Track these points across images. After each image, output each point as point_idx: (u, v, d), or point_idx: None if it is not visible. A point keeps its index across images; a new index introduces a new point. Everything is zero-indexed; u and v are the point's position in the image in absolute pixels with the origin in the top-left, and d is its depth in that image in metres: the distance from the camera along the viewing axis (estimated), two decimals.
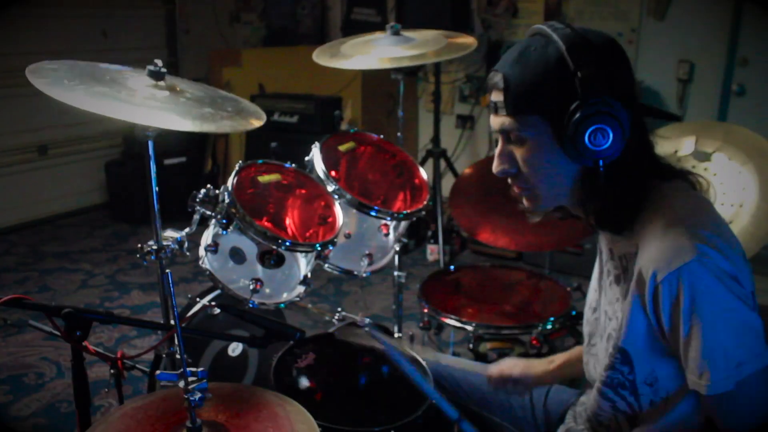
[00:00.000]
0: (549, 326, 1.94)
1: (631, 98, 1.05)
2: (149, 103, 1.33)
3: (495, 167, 1.13)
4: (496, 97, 1.08)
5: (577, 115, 1.00)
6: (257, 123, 1.47)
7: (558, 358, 1.49)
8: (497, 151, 1.13)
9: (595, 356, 1.24)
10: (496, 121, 1.10)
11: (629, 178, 1.06)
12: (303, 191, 1.87)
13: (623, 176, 1.05)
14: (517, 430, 1.48)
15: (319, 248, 1.71)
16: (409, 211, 1.97)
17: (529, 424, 1.47)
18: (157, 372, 1.66)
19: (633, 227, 1.08)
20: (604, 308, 1.19)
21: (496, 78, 1.07)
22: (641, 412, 1.14)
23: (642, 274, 1.02)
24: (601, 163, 1.03)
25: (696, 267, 0.96)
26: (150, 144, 1.44)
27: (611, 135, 1.00)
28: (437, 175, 3.95)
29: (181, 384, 1.04)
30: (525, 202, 1.16)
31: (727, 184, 1.60)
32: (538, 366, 1.48)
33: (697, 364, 0.98)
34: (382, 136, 2.16)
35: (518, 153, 1.10)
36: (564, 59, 1.01)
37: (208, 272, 1.68)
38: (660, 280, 0.98)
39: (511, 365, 1.49)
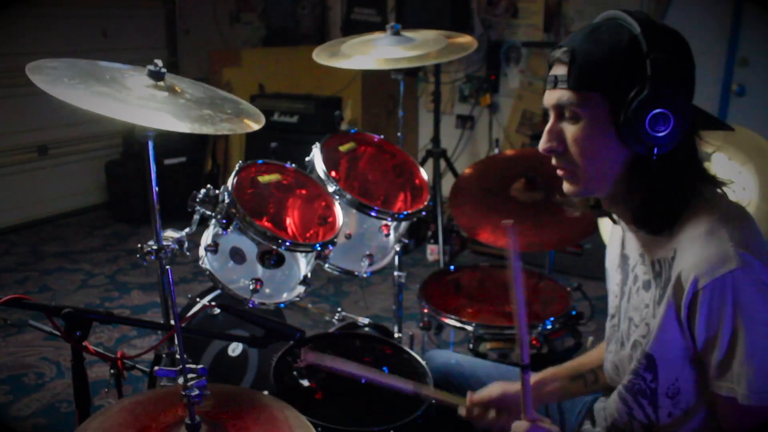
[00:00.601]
0: (549, 326, 1.94)
1: (691, 95, 1.04)
2: (149, 104, 1.33)
3: (542, 144, 1.09)
4: (559, 70, 1.05)
5: (643, 96, 0.98)
6: (256, 126, 1.46)
7: (537, 376, 1.39)
8: (547, 127, 1.09)
9: (612, 363, 1.23)
10: (553, 95, 1.07)
11: (679, 174, 1.04)
12: (303, 191, 1.87)
13: (673, 171, 1.03)
14: None
15: (319, 248, 1.71)
16: (409, 211, 1.97)
17: None
18: (156, 368, 1.66)
19: (672, 229, 1.06)
20: (629, 315, 1.17)
21: (560, 52, 1.05)
22: (658, 423, 1.13)
23: (681, 280, 1.00)
24: (655, 151, 1.00)
25: (740, 275, 0.95)
26: (150, 144, 1.44)
27: (672, 123, 0.98)
28: (437, 175, 3.95)
29: (180, 381, 1.04)
30: (566, 185, 1.12)
31: None
32: (513, 386, 1.35)
33: (737, 371, 0.97)
34: (382, 137, 2.16)
35: (570, 131, 1.06)
36: (637, 40, 0.99)
37: (208, 272, 1.68)
38: (701, 287, 0.97)
39: (490, 389, 1.37)
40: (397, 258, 2.11)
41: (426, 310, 2.06)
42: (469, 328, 1.95)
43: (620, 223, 1.20)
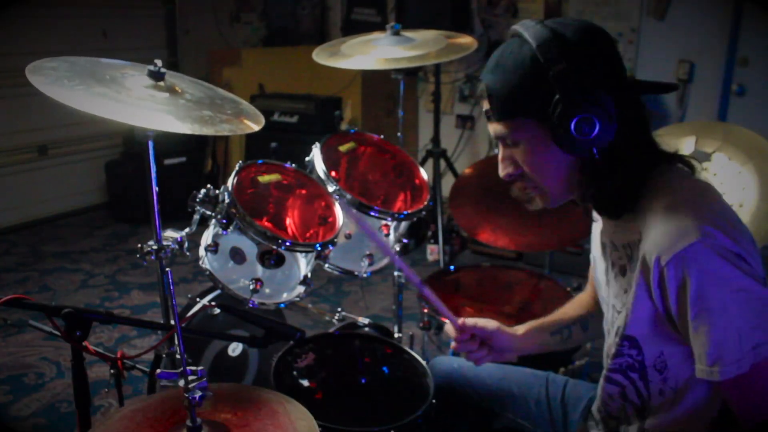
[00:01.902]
0: None
1: (617, 81, 1.05)
2: (148, 105, 1.33)
3: (501, 172, 1.16)
4: (485, 105, 1.11)
5: (558, 110, 1.01)
6: (256, 126, 1.46)
7: (523, 327, 1.44)
8: (500, 156, 1.15)
9: (605, 351, 1.24)
10: (491, 128, 1.12)
11: (627, 160, 1.06)
12: (303, 191, 1.87)
13: (620, 159, 1.06)
14: (531, 426, 1.46)
15: (319, 248, 1.71)
16: (409, 211, 1.97)
17: (544, 419, 1.45)
18: (158, 371, 1.66)
19: (635, 212, 1.07)
20: (612, 302, 1.18)
21: (481, 87, 1.10)
22: (650, 402, 1.13)
23: (646, 260, 1.01)
24: (594, 150, 1.04)
25: (700, 248, 0.94)
26: (150, 144, 1.44)
27: (597, 123, 1.00)
28: (437, 175, 3.95)
29: (181, 383, 1.04)
30: (539, 201, 1.17)
31: (727, 184, 1.60)
32: (508, 329, 1.42)
33: (707, 351, 0.96)
34: (382, 136, 2.16)
35: (517, 155, 1.11)
36: (536, 57, 1.02)
37: (208, 272, 1.68)
38: (664, 264, 0.97)
39: (486, 321, 1.41)
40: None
41: (426, 310, 2.06)
42: None
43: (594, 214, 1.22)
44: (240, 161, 1.79)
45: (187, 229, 1.63)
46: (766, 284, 0.98)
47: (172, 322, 1.54)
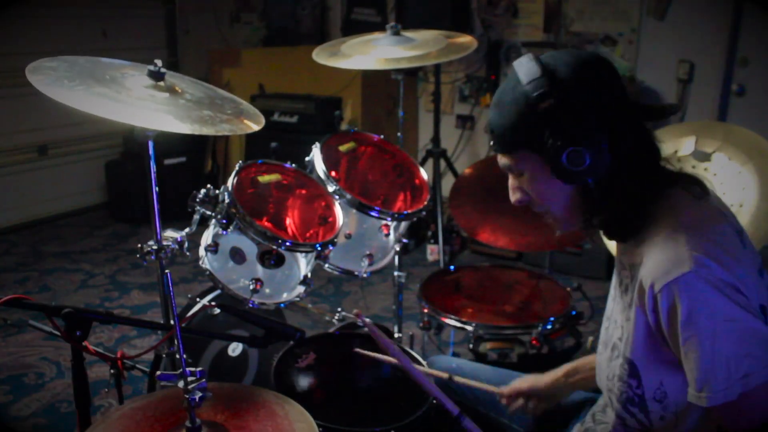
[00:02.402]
0: (549, 326, 1.94)
1: (613, 111, 1.06)
2: (148, 105, 1.33)
3: (512, 199, 1.20)
4: (492, 138, 1.16)
5: (550, 144, 1.04)
6: (256, 126, 1.46)
7: (565, 367, 1.47)
8: (509, 185, 1.20)
9: (598, 362, 1.25)
10: (498, 159, 1.17)
11: (627, 188, 1.08)
12: (303, 191, 1.87)
13: (620, 187, 1.07)
14: None
15: (319, 248, 1.71)
16: (409, 211, 1.97)
17: (539, 424, 1.46)
18: (158, 372, 1.66)
19: (640, 237, 1.08)
20: (615, 317, 1.20)
21: (487, 122, 1.13)
22: (652, 427, 1.13)
23: (642, 285, 1.03)
24: (590, 180, 1.07)
25: (693, 278, 0.96)
26: (150, 144, 1.44)
27: (587, 155, 1.03)
28: (437, 175, 3.95)
29: (181, 384, 1.04)
30: (553, 224, 1.21)
31: (727, 184, 1.60)
32: (546, 377, 1.46)
33: (696, 377, 0.98)
34: (382, 136, 2.16)
35: (523, 183, 1.16)
36: (527, 95, 1.05)
37: (208, 272, 1.68)
38: (658, 291, 0.99)
39: (520, 381, 1.47)
40: (397, 258, 2.11)
41: (426, 310, 2.06)
42: (469, 328, 1.95)
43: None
44: (240, 161, 1.79)
45: (187, 229, 1.63)
46: (761, 314, 1.00)
47: (172, 322, 1.54)
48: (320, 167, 1.90)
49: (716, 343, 0.96)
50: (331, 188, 1.87)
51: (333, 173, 1.90)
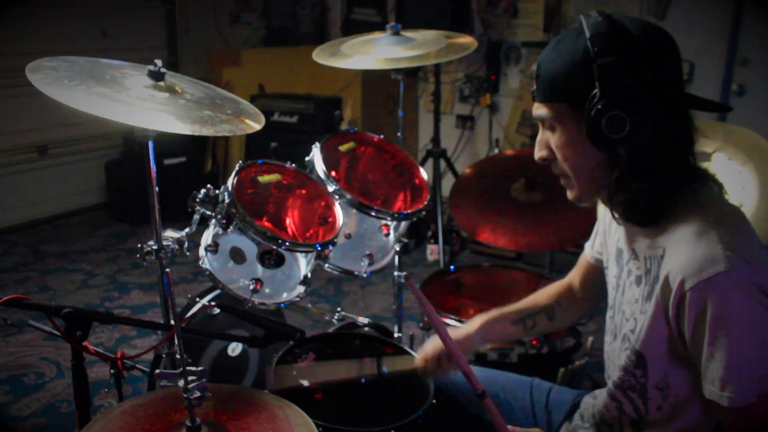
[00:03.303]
0: None
1: (667, 91, 1.03)
2: (148, 105, 1.33)
3: (536, 154, 1.16)
4: (534, 84, 1.12)
5: (594, 102, 1.00)
6: (256, 126, 1.46)
7: (480, 318, 1.46)
8: (537, 138, 1.16)
9: (606, 353, 1.25)
10: (533, 108, 1.13)
11: (662, 172, 1.05)
12: (303, 191, 1.87)
13: (654, 169, 1.04)
14: None
15: (319, 248, 1.71)
16: (409, 211, 1.97)
17: (529, 425, 1.45)
18: (157, 371, 1.66)
19: (661, 226, 1.07)
20: (622, 308, 1.18)
21: (534, 65, 1.11)
22: (647, 417, 1.13)
23: (668, 280, 1.01)
24: (622, 151, 1.03)
25: (726, 278, 0.95)
26: (150, 144, 1.44)
27: (628, 123, 1.00)
28: (437, 175, 3.95)
29: (181, 383, 1.04)
30: (568, 192, 1.17)
31: (727, 184, 1.59)
32: (461, 331, 1.44)
33: (720, 376, 0.97)
34: (382, 136, 2.16)
35: (552, 140, 1.12)
36: (588, 48, 1.01)
37: (208, 272, 1.68)
38: (688, 288, 0.97)
39: (433, 344, 1.43)
40: (397, 258, 2.11)
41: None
42: None
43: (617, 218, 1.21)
44: (240, 161, 1.79)
45: (187, 229, 1.63)
46: None
47: (172, 322, 1.54)
48: (320, 167, 1.90)
49: (743, 344, 0.96)
50: (331, 188, 1.87)
51: (333, 173, 1.90)
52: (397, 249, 2.06)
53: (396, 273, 2.19)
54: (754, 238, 1.03)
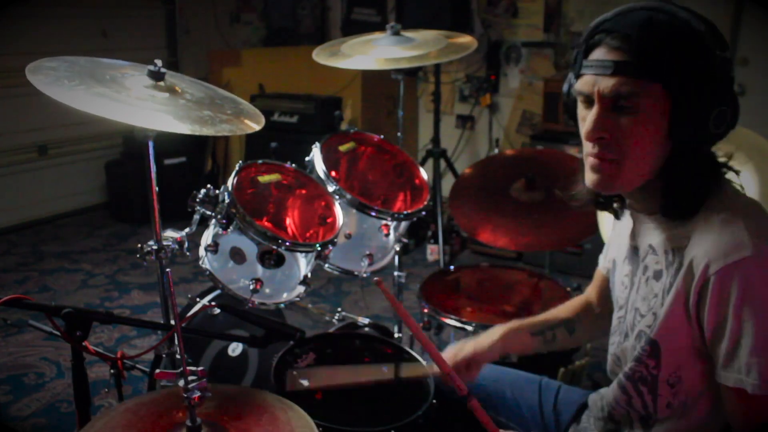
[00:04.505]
0: None
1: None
2: (148, 105, 1.33)
3: (593, 133, 1.03)
4: (616, 56, 0.99)
5: (707, 94, 0.97)
6: (256, 126, 1.46)
7: (501, 328, 1.44)
8: (595, 116, 1.03)
9: (614, 354, 1.23)
10: (609, 82, 1.00)
11: (706, 165, 1.05)
12: (303, 191, 1.87)
13: (705, 163, 1.05)
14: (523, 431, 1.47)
15: (319, 248, 1.71)
16: (409, 211, 1.97)
17: (537, 425, 1.45)
18: (157, 371, 1.66)
19: (689, 220, 1.06)
20: (636, 305, 1.17)
21: (616, 37, 1.00)
22: (656, 414, 1.13)
23: (692, 265, 1.01)
24: (705, 146, 1.03)
25: (752, 263, 0.95)
26: (150, 144, 1.44)
27: (728, 120, 1.00)
28: (437, 175, 3.95)
29: (181, 383, 1.04)
30: (598, 178, 1.07)
31: None
32: (483, 341, 1.41)
33: (745, 361, 0.97)
34: (382, 136, 2.16)
35: (623, 122, 1.01)
36: (703, 37, 0.99)
37: (208, 272, 1.68)
38: (713, 272, 0.97)
39: (458, 348, 1.41)
40: (397, 258, 2.11)
41: (426, 310, 2.05)
42: (469, 328, 1.95)
43: (633, 214, 1.19)
44: (240, 161, 1.79)
45: (187, 229, 1.63)
46: None
47: (172, 322, 1.54)
48: (320, 167, 1.90)
49: (766, 330, 0.95)
50: (331, 188, 1.87)
51: (333, 173, 1.90)
52: (397, 249, 2.06)
53: (396, 273, 2.19)
54: None
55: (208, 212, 1.64)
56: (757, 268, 0.95)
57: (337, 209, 1.83)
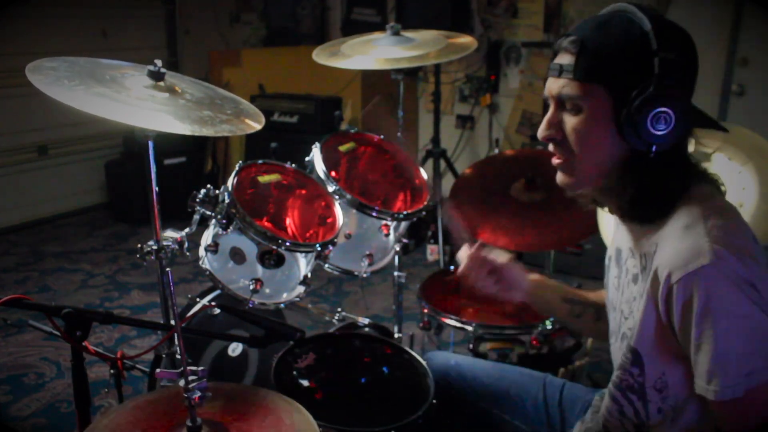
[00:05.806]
0: (549, 326, 1.94)
1: (692, 95, 1.05)
2: (148, 105, 1.33)
3: (541, 131, 1.11)
4: (565, 59, 1.06)
5: (648, 93, 0.99)
6: (256, 126, 1.46)
7: (538, 275, 1.46)
8: (547, 116, 1.10)
9: (612, 354, 1.24)
10: (556, 84, 1.07)
11: (672, 170, 1.05)
12: (303, 191, 1.87)
13: (667, 168, 1.04)
14: (528, 429, 1.46)
15: (319, 248, 1.71)
16: (409, 211, 1.97)
17: (541, 422, 1.45)
18: (158, 370, 1.66)
19: (657, 224, 1.06)
20: (621, 307, 1.18)
21: (568, 41, 1.05)
22: (648, 421, 1.13)
23: (657, 274, 1.01)
24: (654, 148, 1.02)
25: (712, 271, 0.94)
26: (150, 144, 1.44)
27: (673, 122, 0.99)
28: (437, 175, 3.95)
29: (181, 383, 1.04)
30: (560, 175, 1.13)
31: (727, 184, 1.59)
32: (520, 266, 1.44)
33: (707, 369, 0.97)
34: (382, 137, 2.16)
35: (570, 121, 1.07)
36: (648, 37, 1.00)
37: (208, 272, 1.68)
38: (674, 282, 0.97)
39: (493, 251, 1.43)
40: (397, 258, 2.11)
41: (426, 310, 2.06)
42: (469, 328, 1.95)
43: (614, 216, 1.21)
44: (240, 161, 1.79)
45: (187, 229, 1.63)
46: None
47: (172, 322, 1.54)
48: (320, 167, 1.90)
49: (729, 338, 0.95)
50: (331, 188, 1.87)
51: (333, 173, 1.90)
52: (397, 249, 2.06)
53: (396, 273, 2.19)
54: (746, 232, 1.02)
55: (208, 212, 1.64)
56: (717, 274, 0.94)
57: (337, 209, 1.83)
